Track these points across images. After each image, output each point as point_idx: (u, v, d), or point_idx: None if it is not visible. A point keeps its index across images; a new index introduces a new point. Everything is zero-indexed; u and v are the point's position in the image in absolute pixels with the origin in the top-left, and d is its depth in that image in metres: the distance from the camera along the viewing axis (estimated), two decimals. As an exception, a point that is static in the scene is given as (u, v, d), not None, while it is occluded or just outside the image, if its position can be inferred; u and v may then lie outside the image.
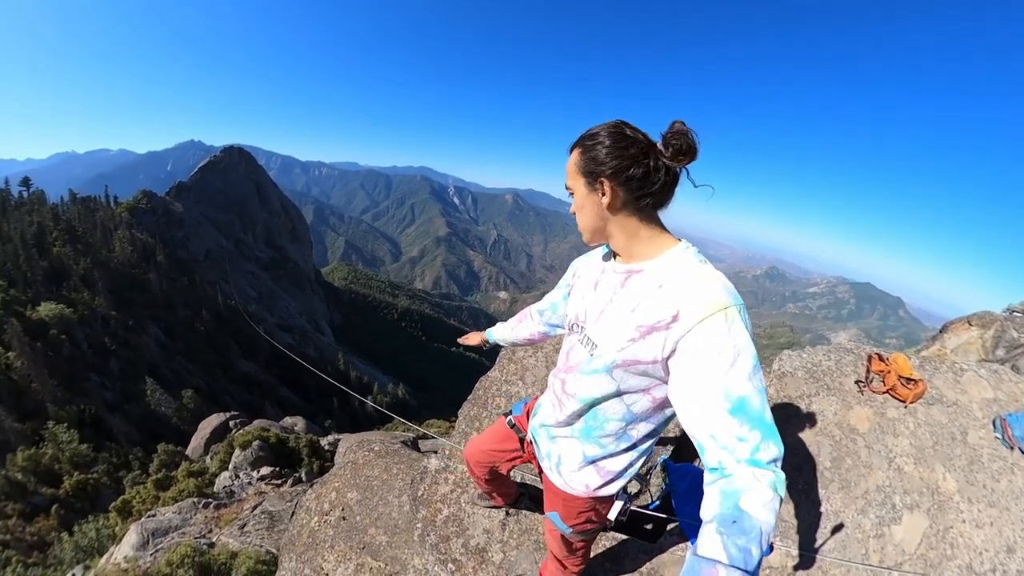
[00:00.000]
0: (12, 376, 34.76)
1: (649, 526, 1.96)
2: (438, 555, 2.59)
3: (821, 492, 2.55)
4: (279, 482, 11.89)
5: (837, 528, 2.43)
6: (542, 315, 2.01)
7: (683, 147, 1.19)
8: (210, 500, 10.99)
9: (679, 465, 2.22)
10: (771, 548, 0.96)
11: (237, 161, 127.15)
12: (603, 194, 1.28)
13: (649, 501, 2.02)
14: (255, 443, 14.24)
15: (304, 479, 11.63)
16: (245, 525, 8.95)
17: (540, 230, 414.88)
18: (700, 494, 1.09)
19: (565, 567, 2.01)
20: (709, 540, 0.94)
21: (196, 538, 9.09)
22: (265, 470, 12.88)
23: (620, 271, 1.37)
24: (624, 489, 1.59)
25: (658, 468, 2.17)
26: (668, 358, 1.17)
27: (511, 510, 2.77)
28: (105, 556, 11.22)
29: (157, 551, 9.25)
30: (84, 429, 30.11)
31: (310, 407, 56.32)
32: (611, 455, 1.48)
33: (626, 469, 1.51)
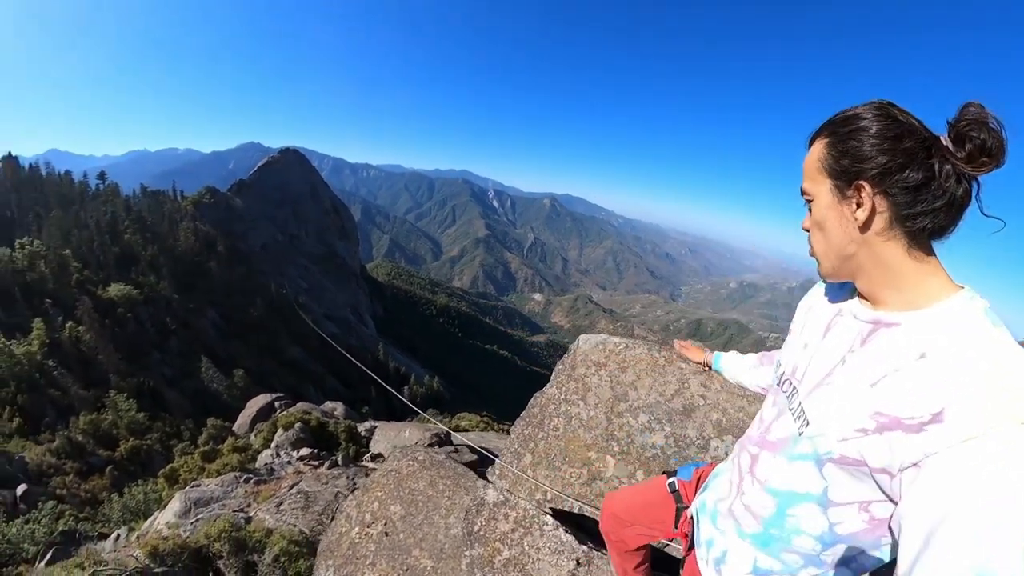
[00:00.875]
0: (81, 348, 36.42)
1: None
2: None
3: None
4: (316, 464, 11.95)
5: None
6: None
7: (985, 145, 0.78)
8: (251, 476, 11.12)
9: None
10: None
11: (292, 162, 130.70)
12: (859, 205, 0.87)
13: None
14: (297, 425, 14.48)
15: (340, 463, 11.67)
16: (282, 503, 9.12)
17: (576, 234, 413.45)
18: None
19: None
20: None
21: (235, 511, 9.21)
22: (304, 451, 13.02)
23: (864, 318, 0.93)
24: None
25: None
26: (905, 471, 0.75)
27: (582, 557, 2.36)
28: (149, 519, 11.43)
29: (197, 520, 9.62)
30: (142, 400, 31.24)
31: (350, 393, 57.08)
32: (792, 568, 1.03)
33: None
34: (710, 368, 1.97)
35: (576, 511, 2.41)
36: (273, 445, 14.21)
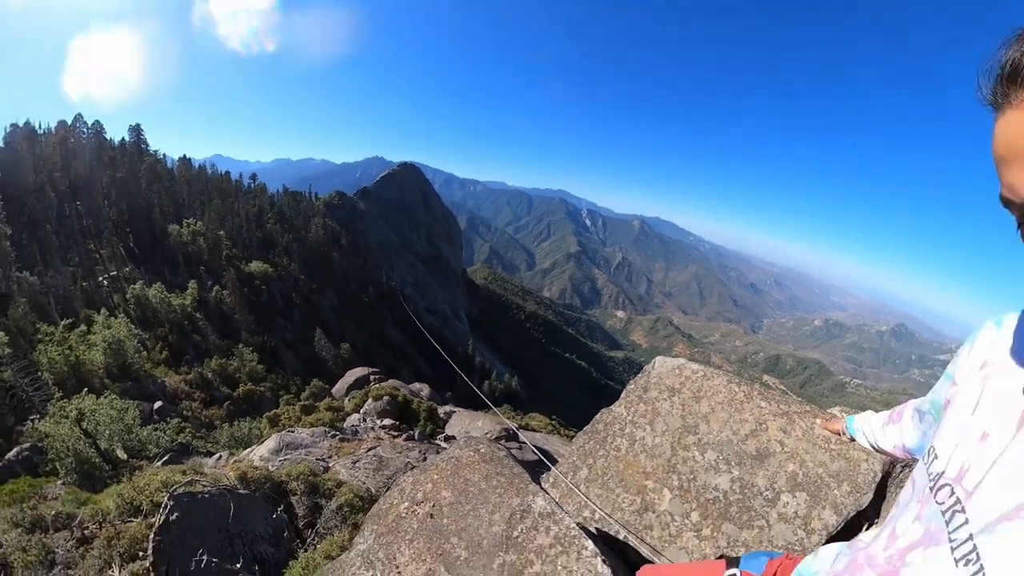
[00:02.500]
0: (222, 307, 40.54)
1: None
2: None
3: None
4: (396, 434, 12.34)
5: None
6: (922, 419, 1.05)
7: None
8: (337, 433, 11.77)
9: None
10: None
11: (409, 174, 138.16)
12: None
13: None
14: (385, 397, 15.17)
15: (416, 437, 11.97)
16: (357, 462, 9.48)
17: (663, 257, 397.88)
18: None
19: None
20: None
21: (317, 459, 9.79)
22: (387, 421, 13.59)
23: None
24: None
25: None
26: None
27: None
28: (248, 450, 12.37)
29: (285, 460, 9.93)
30: (263, 355, 34.16)
31: (437, 379, 58.77)
32: None
33: None
34: (845, 433, 1.74)
35: (621, 537, 2.20)
36: (362, 411, 14.95)
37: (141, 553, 7.23)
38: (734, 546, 1.89)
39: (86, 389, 16.19)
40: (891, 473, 2.01)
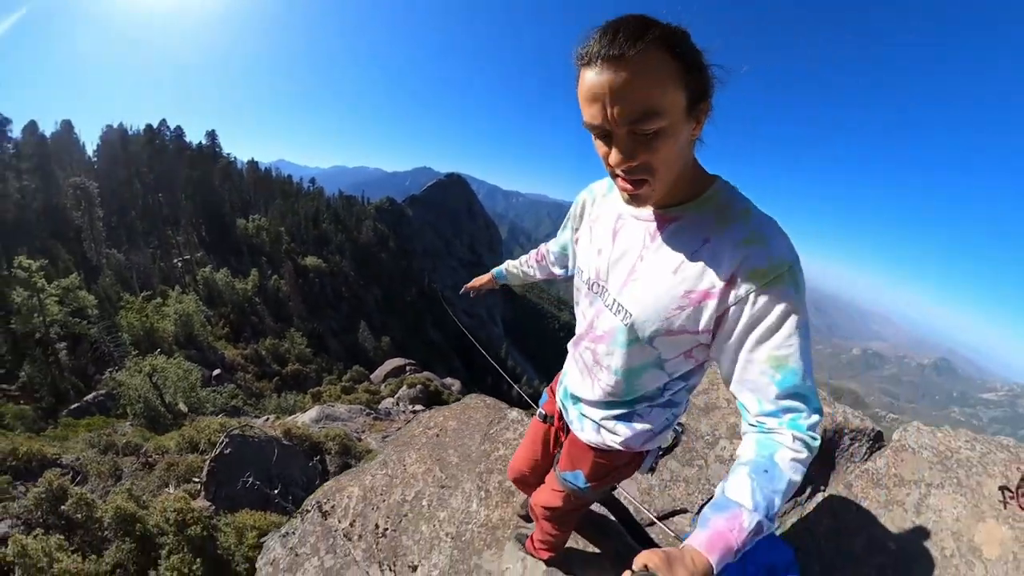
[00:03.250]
0: (279, 295, 42.37)
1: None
2: (479, 481, 2.50)
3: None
4: None
5: None
6: (556, 259, 1.54)
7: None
8: (372, 412, 12.43)
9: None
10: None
11: (456, 184, 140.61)
12: (699, 122, 0.80)
13: None
14: (418, 386, 15.77)
15: None
16: (387, 436, 10.15)
17: None
18: None
19: (556, 532, 1.65)
20: (739, 482, 0.80)
21: (352, 431, 10.51)
22: (418, 407, 14.14)
23: (646, 218, 0.95)
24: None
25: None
26: (719, 321, 0.88)
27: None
28: (291, 417, 13.15)
29: (323, 427, 10.80)
30: (311, 339, 35.43)
31: (469, 377, 59.20)
32: (649, 415, 1.15)
33: (664, 427, 1.19)
34: (497, 283, 1.93)
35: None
36: (396, 396, 15.58)
37: (195, 478, 7.83)
38: (676, 480, 2.07)
39: (158, 350, 17.36)
40: (838, 444, 2.19)
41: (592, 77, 0.73)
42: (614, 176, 0.84)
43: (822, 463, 2.09)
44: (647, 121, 0.72)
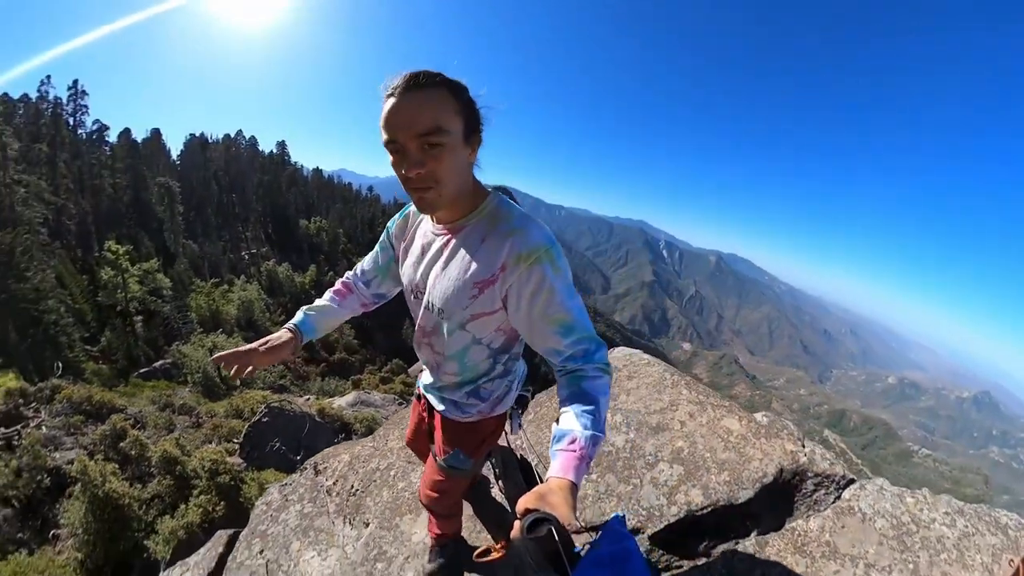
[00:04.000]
0: (332, 292, 44.00)
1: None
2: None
3: None
4: None
5: None
6: (368, 285, 1.49)
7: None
8: (403, 403, 12.86)
9: (618, 530, 1.53)
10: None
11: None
12: (474, 149, 1.02)
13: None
14: None
15: None
16: None
17: (736, 294, 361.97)
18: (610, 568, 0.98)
19: (446, 515, 1.74)
20: (564, 416, 0.99)
21: (382, 417, 10.97)
22: None
23: (441, 232, 1.14)
24: (515, 407, 1.45)
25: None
26: (504, 300, 1.06)
27: None
28: (329, 399, 13.79)
29: (356, 410, 11.51)
30: (359, 332, 36.35)
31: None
32: (491, 385, 1.32)
33: (506, 391, 1.38)
34: (300, 345, 1.44)
35: (534, 465, 2.22)
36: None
37: (235, 439, 8.36)
38: (610, 494, 1.90)
39: (220, 330, 18.50)
40: (799, 489, 1.85)
41: (395, 103, 0.91)
42: (408, 188, 0.98)
43: (780, 508, 1.81)
44: (435, 135, 0.91)
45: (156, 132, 46.55)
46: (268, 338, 1.39)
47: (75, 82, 36.01)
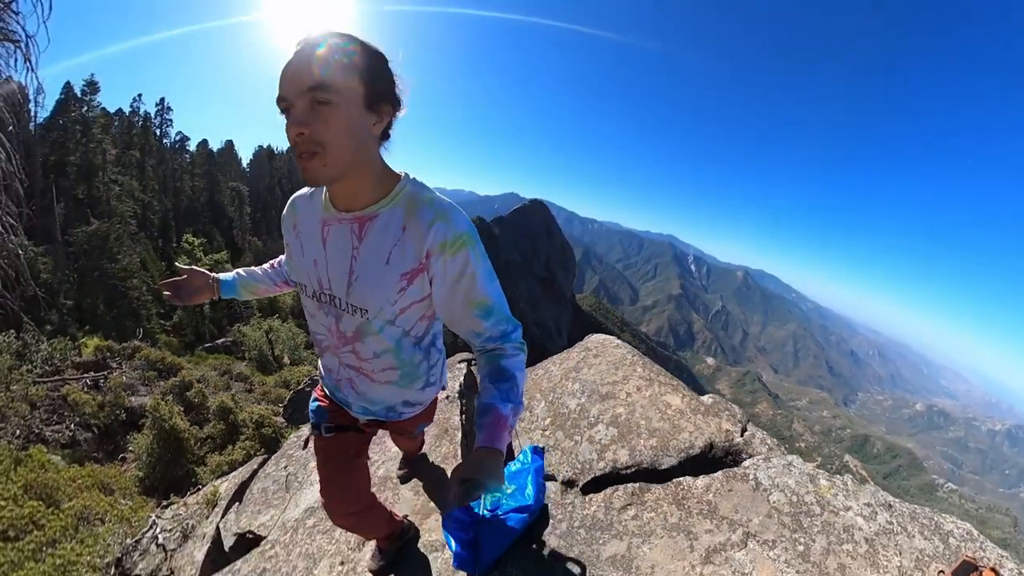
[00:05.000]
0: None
1: None
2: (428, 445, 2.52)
3: None
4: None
5: None
6: (286, 274, 1.36)
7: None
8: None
9: (519, 472, 1.74)
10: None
11: (538, 209, 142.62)
12: (380, 120, 0.87)
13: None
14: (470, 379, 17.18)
15: None
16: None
17: (762, 310, 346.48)
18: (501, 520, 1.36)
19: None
20: (485, 390, 0.98)
21: None
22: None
23: (349, 219, 0.97)
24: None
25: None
26: (429, 285, 0.99)
27: None
28: None
29: None
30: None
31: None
32: (430, 369, 1.23)
33: (441, 361, 1.30)
34: (219, 297, 1.42)
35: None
36: (457, 384, 16.89)
37: (280, 404, 8.91)
38: (556, 447, 2.01)
39: (276, 315, 19.51)
40: (736, 470, 1.71)
41: (291, 58, 0.80)
42: (295, 155, 0.83)
43: (702, 470, 1.76)
44: (322, 91, 0.78)
45: (229, 143, 49.44)
46: (196, 283, 1.36)
47: (162, 99, 39.10)
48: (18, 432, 4.16)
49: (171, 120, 40.01)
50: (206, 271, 1.36)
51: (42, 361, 5.90)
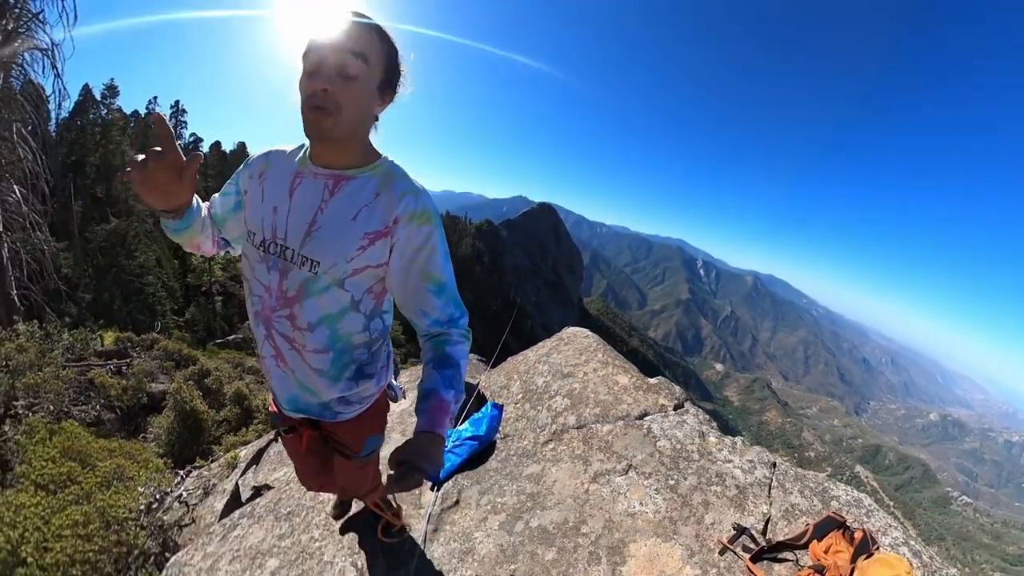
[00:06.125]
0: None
1: None
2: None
3: None
4: None
5: None
6: (212, 222, 1.16)
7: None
8: None
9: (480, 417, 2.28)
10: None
11: (546, 213, 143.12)
12: (383, 103, 0.99)
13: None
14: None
15: None
16: None
17: (772, 317, 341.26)
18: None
19: (374, 488, 1.60)
20: (429, 375, 0.96)
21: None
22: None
23: (325, 175, 0.99)
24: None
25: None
26: (389, 253, 0.99)
27: None
28: None
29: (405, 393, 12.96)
30: (406, 329, 37.65)
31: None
32: (371, 358, 1.16)
33: (388, 356, 1.26)
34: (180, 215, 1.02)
35: (487, 396, 2.76)
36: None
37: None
38: (523, 416, 2.36)
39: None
40: (637, 421, 2.08)
41: (336, 24, 0.87)
42: (307, 106, 0.88)
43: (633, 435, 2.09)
44: (357, 61, 0.88)
45: (242, 144, 50.39)
46: (162, 176, 0.92)
47: (176, 102, 40.21)
48: (51, 408, 4.53)
49: (185, 122, 41.07)
50: (186, 161, 0.92)
51: (64, 350, 6.28)
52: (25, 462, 3.22)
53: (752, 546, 1.38)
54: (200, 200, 1.09)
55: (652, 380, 2.47)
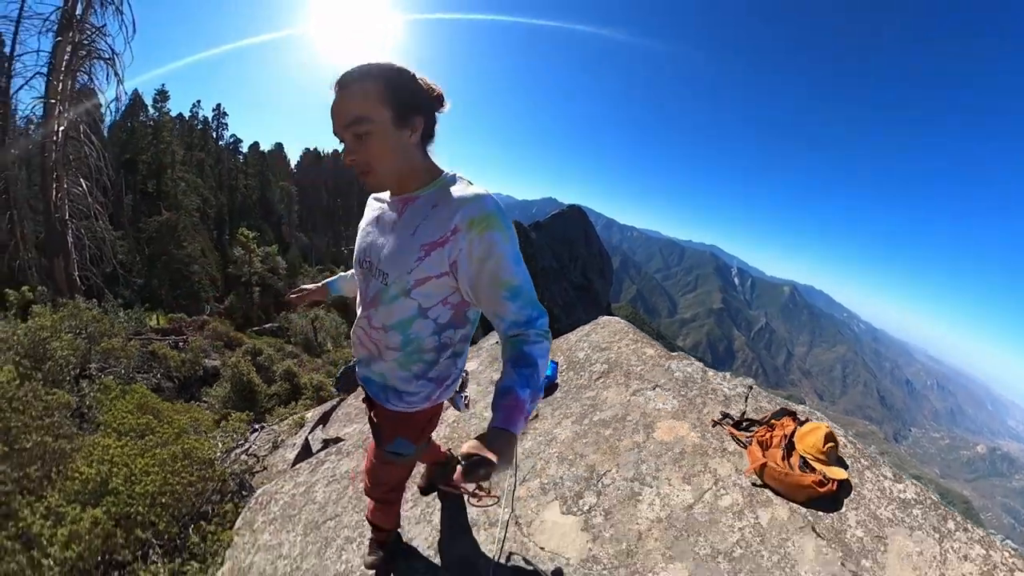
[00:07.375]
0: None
1: None
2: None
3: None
4: None
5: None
6: None
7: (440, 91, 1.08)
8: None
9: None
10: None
11: (575, 214, 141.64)
12: (414, 130, 1.03)
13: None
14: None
15: None
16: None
17: (809, 331, 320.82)
18: None
19: (387, 503, 1.66)
20: (507, 373, 0.98)
21: None
22: None
23: (395, 202, 1.12)
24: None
25: None
26: (453, 265, 1.03)
27: None
28: None
29: None
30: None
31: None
32: (436, 365, 1.24)
33: (454, 377, 1.32)
34: (329, 297, 1.72)
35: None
36: None
37: (330, 379, 9.61)
38: (569, 383, 2.74)
39: (321, 305, 20.88)
40: (662, 363, 2.67)
41: (333, 100, 0.98)
42: (356, 171, 1.03)
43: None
44: (357, 125, 0.96)
45: (279, 145, 52.55)
46: (312, 286, 1.72)
47: (218, 105, 42.72)
48: (122, 372, 4.94)
49: (226, 124, 43.28)
50: (319, 285, 1.70)
51: (121, 327, 6.79)
52: (106, 413, 3.55)
53: (732, 423, 2.15)
54: (341, 272, 1.74)
55: (676, 354, 2.89)
